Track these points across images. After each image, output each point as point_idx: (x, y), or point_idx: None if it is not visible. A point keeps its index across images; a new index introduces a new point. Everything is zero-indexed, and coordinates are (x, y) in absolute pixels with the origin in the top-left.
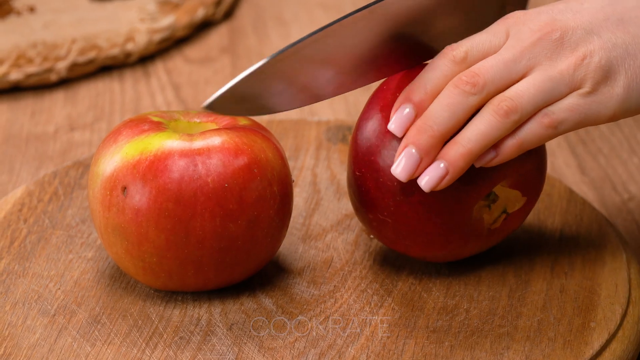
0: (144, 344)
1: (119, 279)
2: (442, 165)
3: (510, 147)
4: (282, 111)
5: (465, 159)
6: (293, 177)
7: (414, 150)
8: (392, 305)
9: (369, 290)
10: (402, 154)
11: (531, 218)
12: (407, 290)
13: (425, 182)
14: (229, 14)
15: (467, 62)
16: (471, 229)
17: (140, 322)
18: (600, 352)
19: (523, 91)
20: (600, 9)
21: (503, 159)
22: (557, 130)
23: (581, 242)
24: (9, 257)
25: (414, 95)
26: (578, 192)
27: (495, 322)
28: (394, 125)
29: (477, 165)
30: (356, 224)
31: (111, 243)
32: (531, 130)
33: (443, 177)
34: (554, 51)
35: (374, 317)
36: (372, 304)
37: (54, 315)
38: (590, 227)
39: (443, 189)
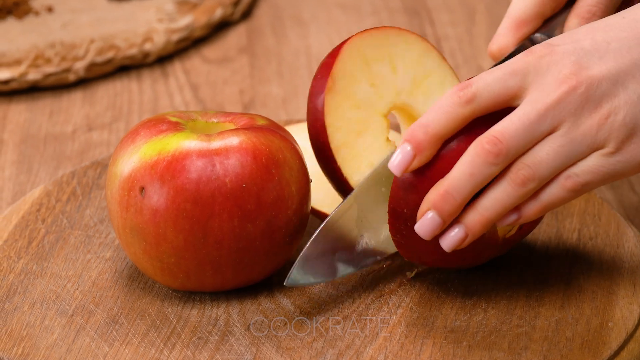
0: (161, 344)
1: (137, 279)
2: (462, 229)
3: (533, 210)
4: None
5: (484, 225)
6: (311, 178)
7: (437, 216)
8: (410, 305)
9: (386, 290)
10: (427, 215)
11: (549, 218)
12: (425, 291)
13: (446, 244)
14: (247, 14)
15: (473, 105)
16: (485, 242)
17: (158, 322)
18: (618, 351)
19: (542, 158)
20: (627, 50)
21: (526, 220)
22: (579, 192)
23: (599, 242)
24: (27, 257)
25: (415, 136)
26: (596, 192)
27: (513, 322)
28: (395, 164)
29: (500, 225)
30: None
31: (129, 243)
32: (554, 194)
33: (463, 240)
34: (577, 107)
35: (392, 317)
36: (390, 304)
37: (72, 315)
38: (608, 227)
39: None
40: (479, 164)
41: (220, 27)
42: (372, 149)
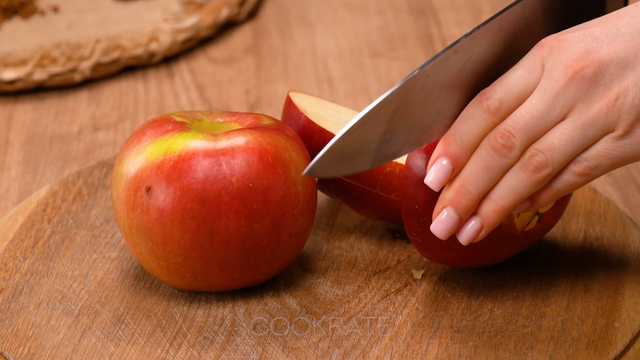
0: (167, 344)
1: (143, 279)
2: (477, 220)
3: (545, 198)
4: (388, 161)
5: (499, 214)
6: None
7: (454, 213)
8: (416, 305)
9: (392, 290)
10: (442, 214)
11: None
12: (431, 291)
13: (463, 237)
14: (253, 14)
15: (502, 111)
16: (503, 235)
17: (164, 322)
18: (624, 352)
19: (555, 143)
20: (638, 34)
21: (538, 207)
22: (590, 176)
23: (605, 242)
24: (33, 257)
25: (450, 149)
26: (602, 192)
27: (519, 322)
28: (430, 179)
29: (514, 213)
30: (380, 224)
31: (135, 243)
32: (564, 180)
33: (479, 231)
34: (587, 91)
35: (397, 317)
36: (396, 304)
37: (78, 315)
38: (614, 227)
39: None
40: (494, 157)
41: (226, 27)
42: None
